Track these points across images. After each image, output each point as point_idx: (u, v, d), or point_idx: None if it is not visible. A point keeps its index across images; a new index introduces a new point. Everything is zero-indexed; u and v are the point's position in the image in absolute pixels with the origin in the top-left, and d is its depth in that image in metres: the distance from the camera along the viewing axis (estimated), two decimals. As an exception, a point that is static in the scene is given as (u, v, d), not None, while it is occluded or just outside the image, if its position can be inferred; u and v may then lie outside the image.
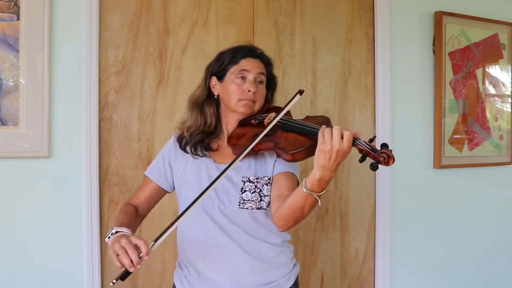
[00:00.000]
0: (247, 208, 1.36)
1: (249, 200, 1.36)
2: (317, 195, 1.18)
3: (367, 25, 2.44)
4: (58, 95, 1.91)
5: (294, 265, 1.50)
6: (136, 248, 1.13)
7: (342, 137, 1.13)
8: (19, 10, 1.85)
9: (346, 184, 2.41)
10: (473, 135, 2.66)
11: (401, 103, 2.48)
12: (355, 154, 1.19)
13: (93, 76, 1.95)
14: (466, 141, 2.64)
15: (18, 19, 1.85)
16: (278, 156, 1.31)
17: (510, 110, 2.80)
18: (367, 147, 1.16)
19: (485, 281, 2.76)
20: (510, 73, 2.79)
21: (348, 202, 2.42)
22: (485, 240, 2.75)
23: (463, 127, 2.62)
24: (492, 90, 2.74)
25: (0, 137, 1.83)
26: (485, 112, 2.70)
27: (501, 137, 2.76)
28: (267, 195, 1.37)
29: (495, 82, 2.75)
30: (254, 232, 1.39)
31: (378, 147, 1.15)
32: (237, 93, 1.40)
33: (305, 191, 1.18)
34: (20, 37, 1.85)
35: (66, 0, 1.92)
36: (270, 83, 1.51)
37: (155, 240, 1.16)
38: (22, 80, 1.86)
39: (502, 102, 2.78)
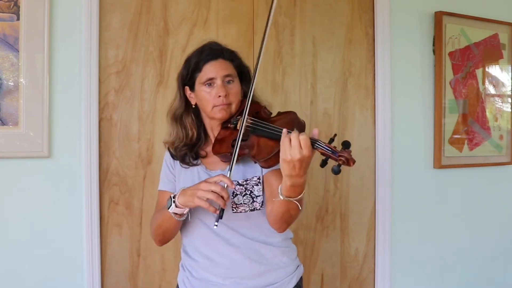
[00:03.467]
0: (240, 212, 1.36)
1: (241, 203, 1.36)
2: (295, 200, 1.18)
3: (367, 25, 2.44)
4: (58, 95, 1.91)
5: (297, 266, 1.48)
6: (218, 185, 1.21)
7: (300, 145, 1.10)
8: (19, 10, 1.85)
9: (346, 184, 2.41)
10: (473, 135, 2.66)
11: (401, 103, 2.48)
12: (355, 154, 1.17)
13: (93, 76, 1.95)
14: (466, 141, 2.64)
15: (18, 19, 1.85)
16: (255, 162, 1.31)
17: (510, 110, 2.80)
18: (327, 150, 1.12)
19: (485, 280, 2.76)
20: (510, 73, 2.79)
21: (348, 202, 2.42)
22: (486, 240, 2.75)
23: (463, 127, 2.62)
24: (492, 90, 2.74)
25: (0, 137, 1.83)
26: (485, 112, 2.70)
27: (501, 137, 2.76)
28: (258, 195, 1.36)
29: (495, 82, 2.75)
30: (252, 234, 1.38)
31: (340, 147, 1.12)
32: (209, 100, 1.37)
33: (282, 198, 1.18)
34: (20, 37, 1.85)
35: (66, 0, 1.92)
36: (243, 75, 1.46)
37: (230, 169, 1.25)
38: (22, 80, 1.86)
39: (502, 102, 2.78)
